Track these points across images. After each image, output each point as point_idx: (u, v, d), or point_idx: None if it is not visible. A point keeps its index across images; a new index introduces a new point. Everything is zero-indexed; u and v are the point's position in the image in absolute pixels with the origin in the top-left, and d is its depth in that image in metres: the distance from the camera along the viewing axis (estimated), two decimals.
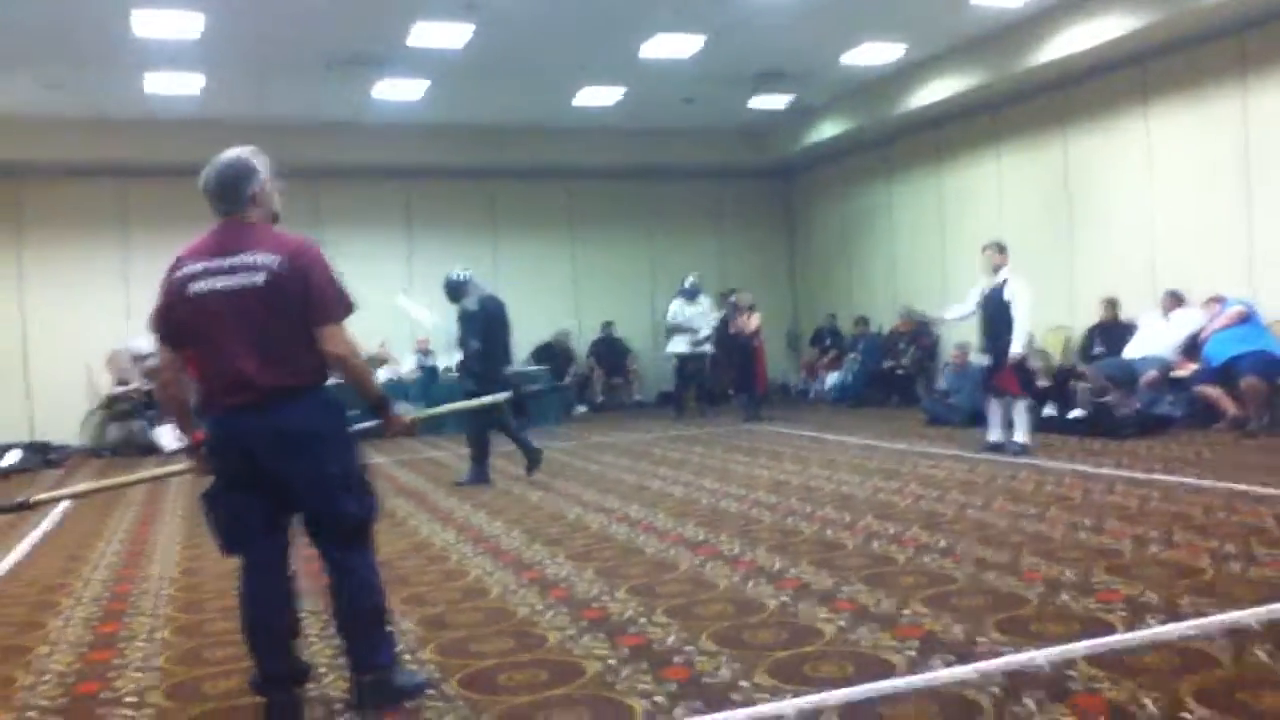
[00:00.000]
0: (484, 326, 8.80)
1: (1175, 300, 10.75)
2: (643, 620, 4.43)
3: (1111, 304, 11.49)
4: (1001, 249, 8.91)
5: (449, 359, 14.42)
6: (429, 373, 14.27)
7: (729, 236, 17.66)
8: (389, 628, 3.70)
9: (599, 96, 13.94)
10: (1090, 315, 11.82)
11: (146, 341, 13.66)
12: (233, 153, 3.56)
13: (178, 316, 3.47)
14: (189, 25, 10.06)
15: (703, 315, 14.38)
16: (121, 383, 13.61)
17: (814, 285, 17.75)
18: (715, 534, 6.20)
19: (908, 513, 6.56)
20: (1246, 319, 9.81)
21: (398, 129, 14.53)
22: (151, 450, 12.85)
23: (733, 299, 14.08)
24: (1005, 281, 8.72)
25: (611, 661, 3.90)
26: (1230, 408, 9.56)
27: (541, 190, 16.56)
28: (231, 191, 3.49)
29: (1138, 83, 11.59)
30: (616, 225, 17.09)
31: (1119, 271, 11.80)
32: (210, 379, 3.47)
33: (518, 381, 14.03)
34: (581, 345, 16.54)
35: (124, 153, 13.78)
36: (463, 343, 8.99)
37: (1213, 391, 9.75)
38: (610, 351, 16.50)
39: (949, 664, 3.66)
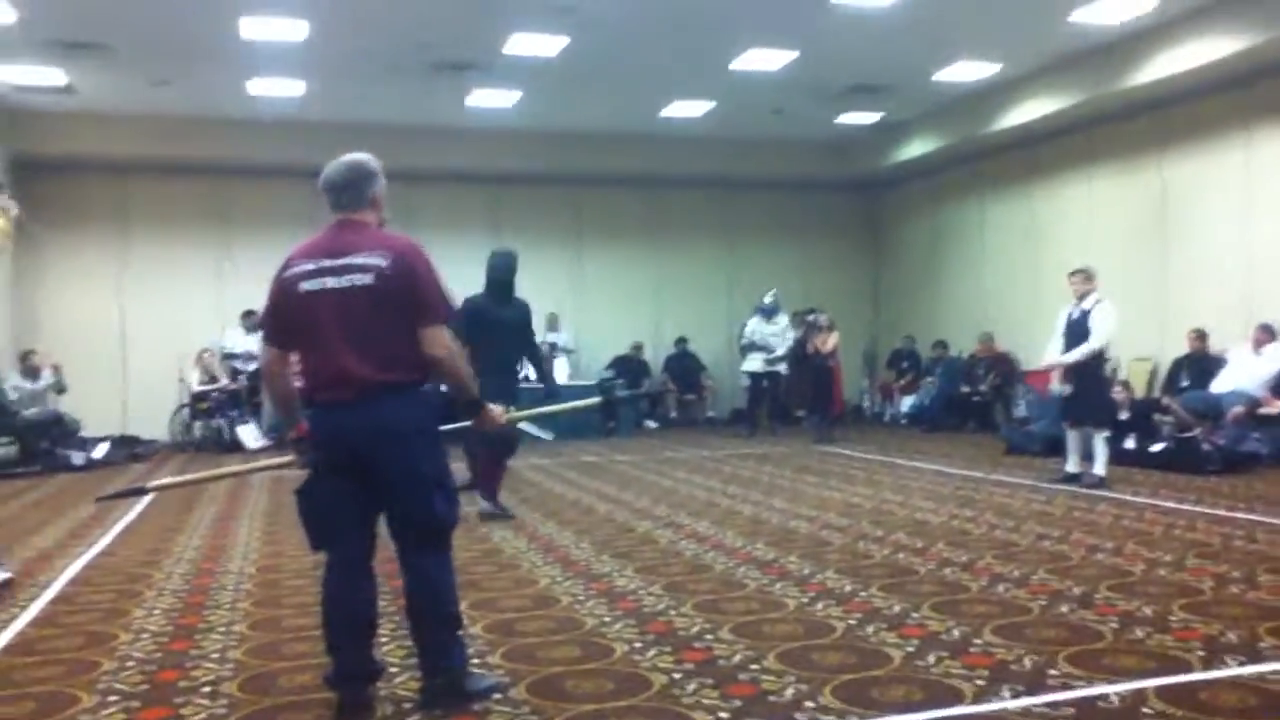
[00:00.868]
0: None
1: (1267, 334, 10.45)
2: (709, 636, 4.43)
3: (1200, 335, 11.19)
4: (1089, 275, 8.74)
5: None
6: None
7: (811, 251, 17.51)
8: (461, 632, 3.75)
9: (687, 109, 14.01)
10: (1179, 346, 11.51)
11: (236, 339, 14.08)
12: (356, 155, 3.66)
13: (286, 313, 3.59)
14: (293, 30, 10.37)
15: (778, 334, 14.30)
16: (208, 380, 13.97)
17: (897, 305, 17.57)
18: (784, 554, 6.17)
19: (981, 541, 6.47)
20: None
21: (489, 134, 14.78)
22: (235, 447, 13.18)
23: (811, 318, 13.99)
24: (1089, 309, 8.58)
25: (677, 675, 3.92)
26: None
27: (626, 199, 16.66)
28: (353, 191, 3.62)
29: (1240, 107, 11.29)
30: (699, 236, 17.12)
31: (1212, 302, 11.48)
32: (315, 374, 3.57)
33: (608, 387, 14.29)
34: (657, 358, 16.57)
35: (225, 151, 14.25)
36: None
37: None
38: (684, 367, 16.52)
39: (1018, 695, 3.61)
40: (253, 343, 13.75)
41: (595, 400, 7.08)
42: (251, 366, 13.55)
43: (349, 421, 3.49)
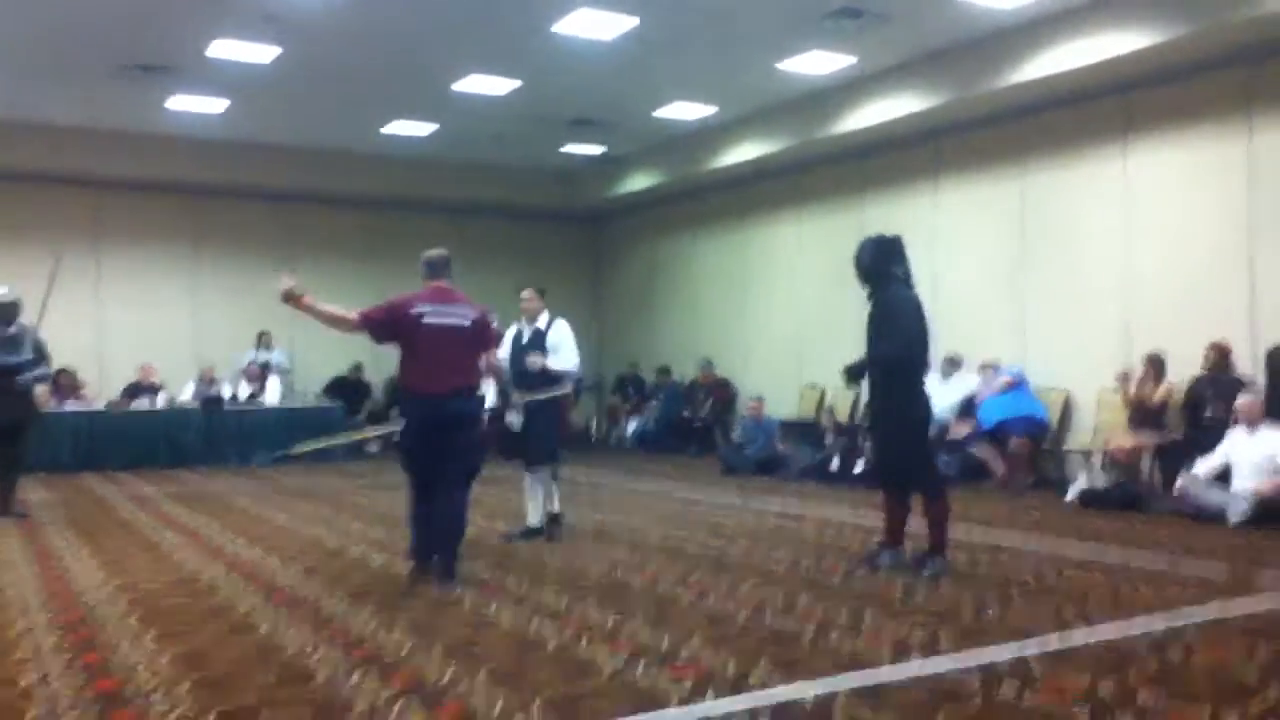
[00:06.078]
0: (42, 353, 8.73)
1: (953, 364, 11.37)
2: (420, 656, 4.30)
3: None
4: (541, 293, 8.18)
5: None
6: (212, 402, 13.52)
7: (538, 278, 17.28)
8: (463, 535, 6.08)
9: (410, 128, 13.80)
10: None
11: None
12: (443, 250, 6.39)
13: (405, 331, 5.90)
14: None
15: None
16: None
17: (619, 332, 17.94)
18: (502, 575, 6.11)
19: (695, 556, 6.64)
20: (1017, 385, 10.47)
21: (193, 143, 13.97)
22: None
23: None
24: (543, 329, 7.93)
25: (385, 695, 3.76)
26: (1000, 467, 10.14)
27: (345, 218, 16.17)
28: (446, 268, 6.23)
29: (929, 159, 12.28)
30: (419, 260, 16.81)
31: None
32: (421, 374, 5.89)
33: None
34: (380, 379, 16.09)
35: None
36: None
37: (985, 452, 10.33)
38: None
39: (721, 697, 3.69)
40: None
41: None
42: None
43: (439, 407, 5.86)
